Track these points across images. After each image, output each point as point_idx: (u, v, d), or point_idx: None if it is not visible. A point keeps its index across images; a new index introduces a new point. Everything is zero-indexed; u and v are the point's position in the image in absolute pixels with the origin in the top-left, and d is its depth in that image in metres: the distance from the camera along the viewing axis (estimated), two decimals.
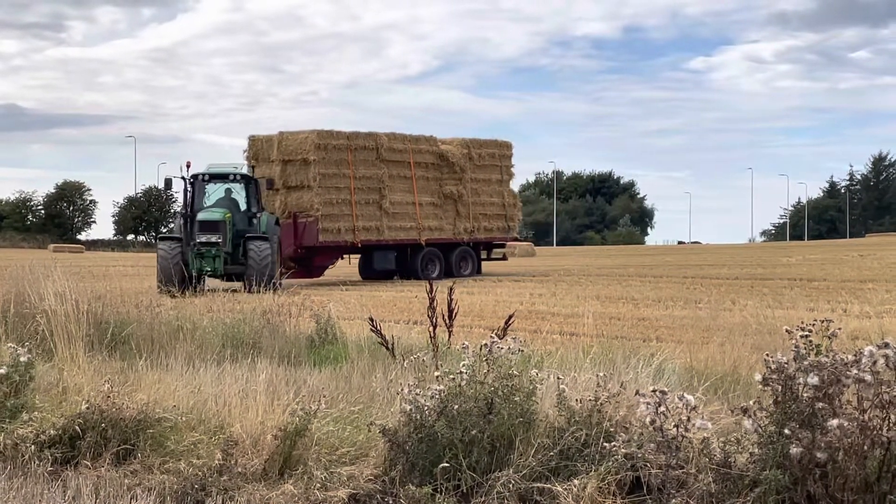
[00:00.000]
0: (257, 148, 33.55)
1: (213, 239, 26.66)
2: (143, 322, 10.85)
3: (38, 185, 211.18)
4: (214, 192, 28.90)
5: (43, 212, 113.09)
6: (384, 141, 33.84)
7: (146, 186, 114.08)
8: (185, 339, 9.93)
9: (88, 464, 6.23)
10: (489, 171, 37.24)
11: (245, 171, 29.89)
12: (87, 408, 6.53)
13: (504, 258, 38.06)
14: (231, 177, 28.73)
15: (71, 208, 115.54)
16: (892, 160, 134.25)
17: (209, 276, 26.87)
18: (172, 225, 29.91)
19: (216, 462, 5.88)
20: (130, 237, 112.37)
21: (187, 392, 7.15)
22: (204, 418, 6.64)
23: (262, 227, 28.18)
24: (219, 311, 12.06)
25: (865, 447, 4.68)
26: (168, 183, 29.75)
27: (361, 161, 33.22)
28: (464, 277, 32.92)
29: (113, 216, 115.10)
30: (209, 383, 7.44)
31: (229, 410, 6.56)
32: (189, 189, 27.96)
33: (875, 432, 4.69)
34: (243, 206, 28.76)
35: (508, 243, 41.54)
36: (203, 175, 28.30)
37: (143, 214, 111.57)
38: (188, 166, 27.94)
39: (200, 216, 27.17)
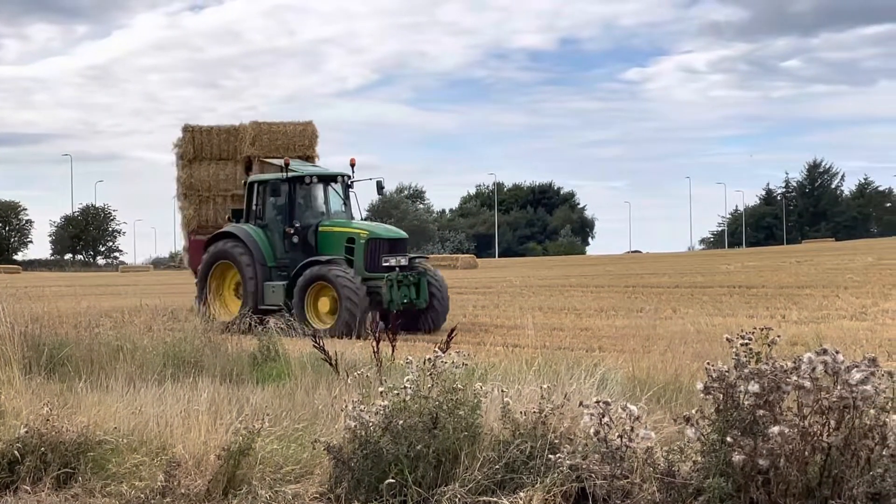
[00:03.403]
0: (200, 141, 26.69)
1: (403, 262, 21.13)
2: (82, 343, 10.69)
3: None
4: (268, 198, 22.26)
5: None
6: None
7: (83, 205, 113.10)
8: (126, 360, 9.80)
9: (28, 489, 6.14)
10: None
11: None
12: (26, 432, 6.45)
13: None
14: (339, 178, 22.52)
15: (7, 228, 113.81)
16: (827, 167, 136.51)
17: (404, 308, 20.36)
18: (239, 239, 21.54)
19: (159, 484, 5.83)
20: (68, 256, 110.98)
21: (128, 413, 7.07)
22: (145, 439, 6.56)
23: None
24: (159, 331, 11.91)
25: (806, 453, 4.74)
26: (380, 186, 22.70)
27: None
28: None
29: (50, 235, 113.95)
30: (150, 404, 7.36)
31: (171, 431, 6.49)
32: (291, 193, 21.66)
33: (815, 438, 4.75)
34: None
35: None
36: (310, 177, 22.08)
37: (80, 233, 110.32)
38: (287, 165, 21.58)
39: (383, 233, 21.46)
